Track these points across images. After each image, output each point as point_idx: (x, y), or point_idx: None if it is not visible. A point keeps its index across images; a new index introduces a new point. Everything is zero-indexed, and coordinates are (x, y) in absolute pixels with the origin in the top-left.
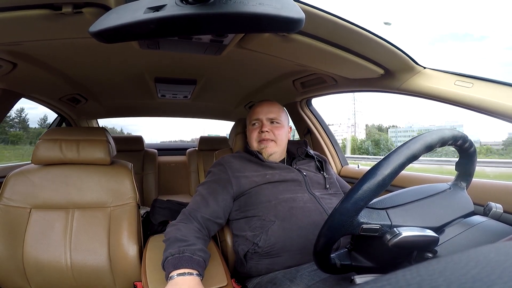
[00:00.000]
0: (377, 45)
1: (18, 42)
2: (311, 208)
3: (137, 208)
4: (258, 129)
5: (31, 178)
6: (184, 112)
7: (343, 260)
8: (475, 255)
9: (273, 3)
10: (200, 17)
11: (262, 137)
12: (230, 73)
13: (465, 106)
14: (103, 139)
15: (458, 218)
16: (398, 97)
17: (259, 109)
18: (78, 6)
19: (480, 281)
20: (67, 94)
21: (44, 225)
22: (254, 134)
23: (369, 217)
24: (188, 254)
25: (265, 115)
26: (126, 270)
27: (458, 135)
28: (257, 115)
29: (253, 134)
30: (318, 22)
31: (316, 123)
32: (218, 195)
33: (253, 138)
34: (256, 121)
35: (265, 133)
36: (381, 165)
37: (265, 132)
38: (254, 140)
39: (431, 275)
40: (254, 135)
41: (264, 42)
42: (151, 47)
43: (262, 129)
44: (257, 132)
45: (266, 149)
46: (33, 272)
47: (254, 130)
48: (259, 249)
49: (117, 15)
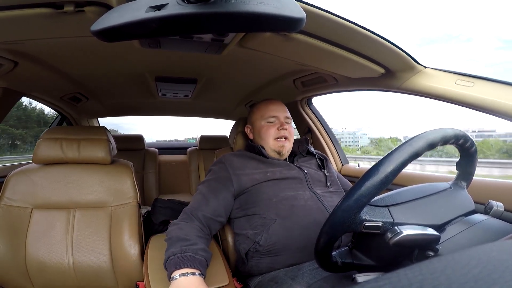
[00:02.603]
0: (377, 44)
1: (19, 41)
2: (312, 206)
3: (138, 207)
4: (276, 126)
5: (32, 178)
6: (185, 111)
7: (344, 259)
8: (477, 253)
9: (274, 3)
10: (201, 16)
11: (281, 134)
12: (231, 72)
13: (466, 105)
14: (104, 138)
15: (459, 217)
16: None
17: (276, 107)
18: (80, 5)
19: (481, 280)
20: (68, 93)
21: (46, 225)
22: (271, 130)
23: (371, 214)
24: (190, 254)
25: (283, 113)
26: (128, 270)
27: (460, 134)
28: (275, 112)
29: (270, 131)
30: (319, 21)
31: (317, 122)
32: (219, 193)
33: (271, 134)
34: (274, 118)
35: (284, 130)
36: (383, 162)
37: (284, 130)
38: (271, 136)
39: (432, 273)
40: (271, 132)
41: (265, 41)
42: (152, 46)
43: (282, 126)
44: (275, 129)
45: (284, 147)
46: (35, 272)
47: (272, 127)
48: (260, 248)
49: (118, 14)
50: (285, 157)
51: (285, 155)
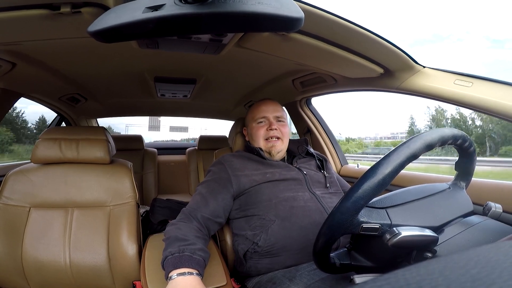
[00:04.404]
0: (376, 44)
1: (17, 42)
2: (312, 207)
3: (137, 207)
4: (266, 127)
5: (30, 177)
6: (184, 111)
7: (342, 260)
8: (475, 254)
9: (272, 2)
10: (199, 17)
11: (271, 134)
12: (229, 73)
13: (465, 105)
14: (103, 138)
15: (458, 218)
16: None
17: (265, 107)
18: (76, 6)
19: (479, 281)
20: (67, 93)
21: (43, 224)
22: (261, 131)
23: (369, 216)
24: (188, 254)
25: (272, 113)
26: (125, 269)
27: (458, 134)
28: (264, 113)
29: (259, 132)
30: (318, 21)
31: (316, 123)
32: (218, 194)
33: (260, 135)
34: (262, 119)
35: (274, 130)
36: (381, 164)
37: (274, 130)
38: (261, 137)
39: (430, 274)
40: (261, 133)
41: (264, 41)
42: (150, 46)
43: (271, 127)
44: (264, 130)
45: (274, 147)
46: (32, 271)
47: (261, 128)
48: (259, 249)
49: (115, 14)
50: (277, 158)
51: (276, 155)
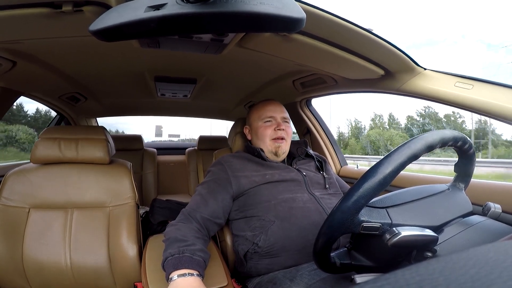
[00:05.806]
0: (377, 45)
1: (18, 41)
2: (311, 208)
3: (136, 207)
4: (273, 127)
5: (29, 178)
6: (184, 111)
7: (342, 259)
8: (474, 254)
9: (274, 3)
10: (201, 16)
11: (279, 135)
12: (230, 73)
13: (466, 108)
14: (102, 138)
15: (457, 218)
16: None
17: (272, 107)
18: (78, 5)
19: (479, 281)
20: (67, 92)
21: (43, 225)
22: (268, 131)
23: (369, 216)
24: (188, 255)
25: (280, 113)
26: (126, 270)
27: (458, 136)
28: (272, 112)
29: (267, 131)
30: (319, 22)
31: (316, 123)
32: (218, 195)
33: (267, 135)
34: (270, 118)
35: (282, 131)
36: (382, 163)
37: (282, 130)
38: (268, 137)
39: (430, 274)
40: (268, 132)
41: (265, 41)
42: (151, 46)
43: (279, 127)
44: (271, 129)
45: (281, 147)
46: (32, 272)
47: (268, 127)
48: (259, 249)
49: (117, 13)
50: (282, 158)
51: (281, 156)
